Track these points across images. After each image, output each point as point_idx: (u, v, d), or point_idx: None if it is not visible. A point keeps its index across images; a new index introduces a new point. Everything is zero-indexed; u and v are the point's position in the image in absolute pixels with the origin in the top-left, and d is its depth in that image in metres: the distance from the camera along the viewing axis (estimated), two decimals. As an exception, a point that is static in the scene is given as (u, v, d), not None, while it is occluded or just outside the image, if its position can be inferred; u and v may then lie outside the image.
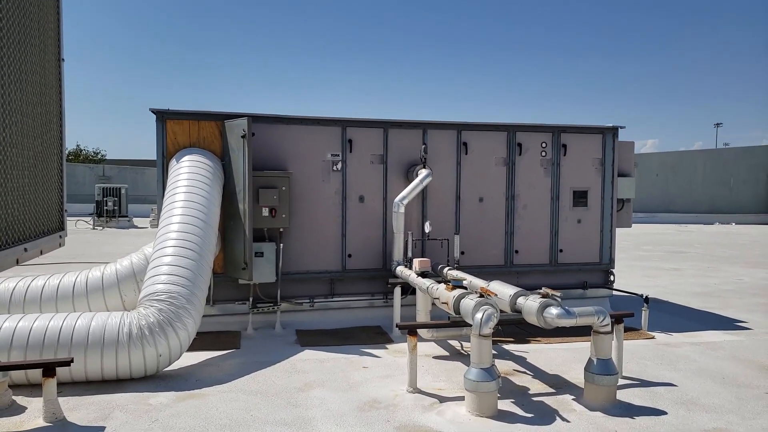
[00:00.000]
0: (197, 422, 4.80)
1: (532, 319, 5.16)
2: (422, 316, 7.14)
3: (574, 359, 6.62)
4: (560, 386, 5.76)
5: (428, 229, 7.94)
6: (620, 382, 5.63)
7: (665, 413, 5.11)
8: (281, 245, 7.90)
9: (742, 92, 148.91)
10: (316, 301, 8.27)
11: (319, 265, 8.27)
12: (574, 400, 5.38)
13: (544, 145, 9.05)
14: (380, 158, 8.47)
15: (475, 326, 4.97)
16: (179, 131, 7.69)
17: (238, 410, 5.06)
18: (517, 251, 9.00)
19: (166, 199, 7.10)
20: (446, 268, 7.53)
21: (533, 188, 9.05)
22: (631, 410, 5.16)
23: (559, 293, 5.33)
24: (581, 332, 7.06)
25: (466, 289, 5.85)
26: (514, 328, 7.87)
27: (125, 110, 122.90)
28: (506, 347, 7.15)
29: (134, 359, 5.60)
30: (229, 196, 7.56)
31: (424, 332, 6.90)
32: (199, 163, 7.37)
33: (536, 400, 5.39)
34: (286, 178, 7.87)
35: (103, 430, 4.63)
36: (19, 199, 2.97)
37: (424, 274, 7.17)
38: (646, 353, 6.96)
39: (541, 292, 5.31)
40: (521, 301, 5.35)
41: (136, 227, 29.07)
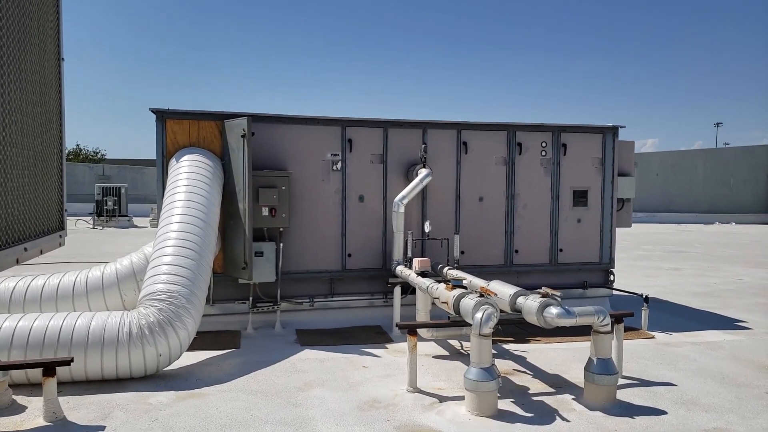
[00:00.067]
0: (197, 422, 4.80)
1: (532, 318, 5.17)
2: (422, 315, 7.14)
3: (574, 359, 6.62)
4: (560, 386, 5.76)
5: (428, 228, 7.94)
6: (620, 381, 5.63)
7: (665, 413, 5.11)
8: (281, 245, 7.91)
9: (742, 92, 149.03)
10: (316, 300, 8.27)
11: (318, 264, 8.28)
12: (574, 399, 5.38)
13: (544, 144, 9.05)
14: (380, 158, 8.47)
15: (475, 326, 4.97)
16: (179, 131, 7.69)
17: (238, 410, 5.06)
18: (517, 251, 9.00)
19: (165, 198, 7.10)
20: (446, 267, 7.53)
21: (533, 188, 9.05)
22: (630, 410, 5.16)
23: (559, 293, 5.33)
24: (581, 332, 7.06)
25: (466, 288, 5.85)
26: (514, 327, 7.87)
27: (125, 110, 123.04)
28: (506, 347, 7.15)
29: (134, 359, 5.60)
30: (229, 195, 7.56)
31: (423, 332, 6.90)
32: (199, 162, 7.37)
33: (536, 399, 5.39)
34: (286, 177, 7.87)
35: (103, 429, 4.63)
36: (19, 198, 2.97)
37: (423, 273, 7.18)
38: (646, 353, 6.96)
39: (541, 291, 5.31)
40: (521, 300, 5.35)
41: (135, 227, 29.08)
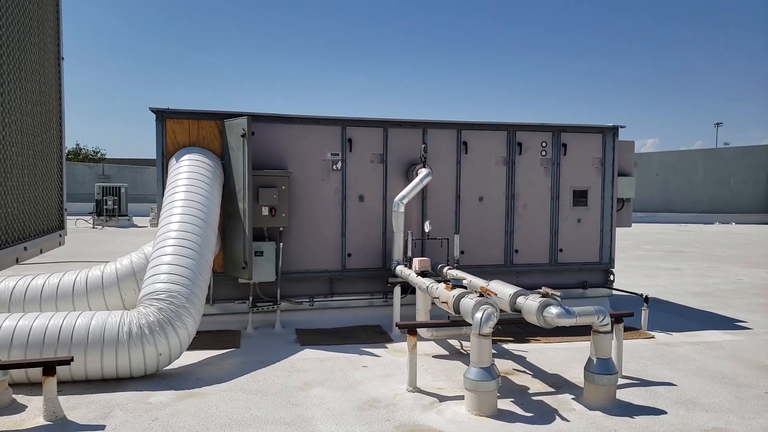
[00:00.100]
0: (197, 421, 4.80)
1: (531, 318, 5.17)
2: (422, 315, 7.14)
3: (573, 359, 6.62)
4: (560, 385, 5.77)
5: (428, 228, 7.94)
6: (620, 381, 5.63)
7: (665, 413, 5.11)
8: (281, 244, 7.91)
9: (742, 92, 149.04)
10: (315, 300, 8.27)
11: (318, 264, 8.28)
12: (573, 399, 5.38)
13: (544, 144, 9.05)
14: (380, 157, 8.47)
15: (474, 325, 4.97)
16: (179, 130, 7.69)
17: (237, 409, 5.06)
18: (516, 251, 9.00)
19: (165, 198, 7.10)
20: (446, 267, 7.53)
21: (533, 188, 9.05)
22: (630, 410, 5.16)
23: (558, 293, 5.33)
24: (581, 332, 7.06)
25: (465, 288, 5.85)
26: (513, 327, 7.87)
27: (125, 109, 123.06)
28: (506, 346, 7.16)
29: (134, 358, 5.61)
30: (228, 195, 7.56)
31: (423, 331, 6.90)
32: (198, 162, 7.37)
33: (536, 399, 5.39)
34: (285, 177, 7.87)
35: (103, 428, 4.63)
36: (18, 197, 2.97)
37: (423, 273, 7.18)
38: (645, 353, 6.96)
39: (540, 291, 5.31)
40: (521, 300, 5.35)
41: (135, 226, 29.08)
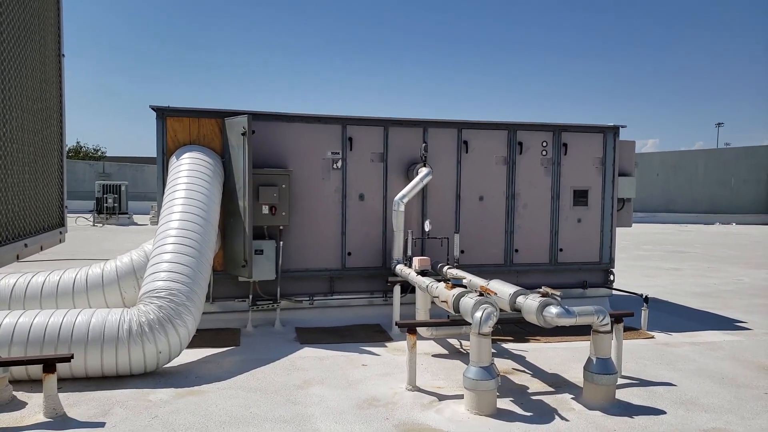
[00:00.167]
0: (197, 419, 4.80)
1: (531, 318, 5.17)
2: (422, 314, 7.14)
3: (573, 358, 6.62)
4: (559, 385, 5.77)
5: (428, 227, 7.94)
6: (619, 381, 5.63)
7: (664, 413, 5.11)
8: (281, 243, 7.91)
9: (743, 92, 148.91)
10: (315, 298, 8.27)
11: (318, 263, 8.28)
12: (573, 399, 5.38)
13: (544, 144, 9.04)
14: (380, 156, 8.47)
15: (474, 325, 4.97)
16: (179, 128, 7.69)
17: (237, 407, 5.07)
18: (517, 250, 9.00)
19: (166, 196, 7.10)
20: (446, 266, 7.53)
21: (533, 187, 9.05)
22: (630, 409, 5.16)
23: (558, 292, 5.33)
24: (581, 331, 7.07)
25: (465, 287, 5.85)
26: (513, 327, 7.88)
27: (125, 107, 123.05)
28: (505, 346, 7.16)
29: (134, 356, 5.61)
30: (229, 193, 7.56)
31: (423, 330, 6.90)
32: (199, 160, 7.37)
33: (535, 398, 5.39)
34: (286, 175, 7.87)
35: (103, 425, 4.64)
36: (19, 194, 2.97)
37: (423, 272, 7.18)
38: (645, 353, 6.96)
39: (540, 291, 5.31)
40: (521, 300, 5.35)
41: (136, 224, 29.09)
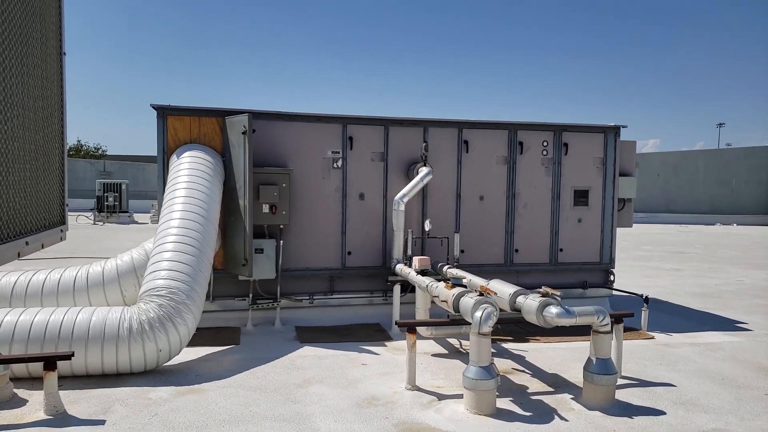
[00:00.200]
0: (196, 417, 4.81)
1: (531, 318, 5.17)
2: (421, 314, 7.14)
3: (573, 358, 6.63)
4: (559, 385, 5.77)
5: (428, 227, 7.94)
6: (619, 381, 5.63)
7: (664, 413, 5.11)
8: (281, 242, 7.91)
9: (745, 93, 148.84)
10: (315, 298, 8.27)
11: (318, 262, 8.28)
12: (572, 399, 5.38)
13: (545, 143, 9.04)
14: (381, 156, 8.47)
15: (474, 324, 4.98)
16: (180, 127, 7.69)
17: (237, 405, 5.07)
18: (517, 250, 9.00)
19: (166, 194, 7.10)
20: (446, 266, 7.53)
21: (534, 187, 9.04)
22: (629, 410, 5.16)
23: (559, 292, 5.33)
24: (580, 332, 7.07)
25: (465, 287, 5.85)
26: (513, 326, 7.88)
27: (126, 106, 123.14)
28: (505, 346, 7.16)
29: (134, 354, 5.61)
30: (229, 192, 7.56)
31: (423, 330, 6.91)
32: (199, 159, 7.37)
33: (535, 398, 5.39)
34: (286, 174, 7.88)
35: (103, 423, 4.64)
36: (20, 192, 2.98)
37: (423, 272, 7.18)
38: (645, 353, 6.96)
39: (540, 291, 5.31)
40: (521, 299, 5.35)
41: (136, 223, 29.11)
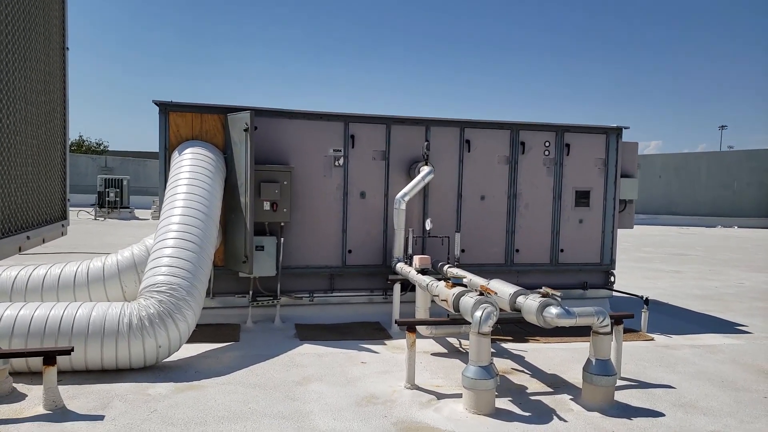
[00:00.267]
0: (195, 413, 4.81)
1: (531, 318, 5.16)
2: (421, 313, 7.14)
3: (572, 359, 6.62)
4: (558, 386, 5.77)
5: (429, 226, 7.94)
6: (618, 383, 5.63)
7: (663, 415, 5.11)
8: (282, 239, 7.91)
9: (747, 95, 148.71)
10: (315, 295, 8.28)
11: (319, 260, 8.28)
12: (571, 399, 5.38)
13: (547, 144, 9.04)
14: (382, 154, 8.46)
15: (474, 324, 4.98)
16: (182, 123, 7.69)
17: (236, 402, 5.08)
18: (517, 250, 9.00)
19: (167, 191, 7.10)
20: (446, 265, 7.53)
21: (535, 187, 9.04)
22: (628, 411, 5.16)
23: (559, 293, 5.32)
24: (580, 332, 7.07)
25: (466, 287, 5.85)
26: (513, 326, 7.88)
27: (128, 101, 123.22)
28: (505, 346, 7.16)
29: (134, 350, 5.62)
30: (230, 189, 7.56)
31: (422, 329, 6.91)
32: (201, 155, 7.37)
33: (534, 399, 5.39)
34: (287, 172, 7.87)
35: (102, 418, 4.65)
36: (22, 187, 2.98)
37: (424, 271, 7.18)
38: (645, 355, 6.96)
39: (541, 291, 5.31)
40: (521, 300, 5.35)
41: (137, 219, 29.13)
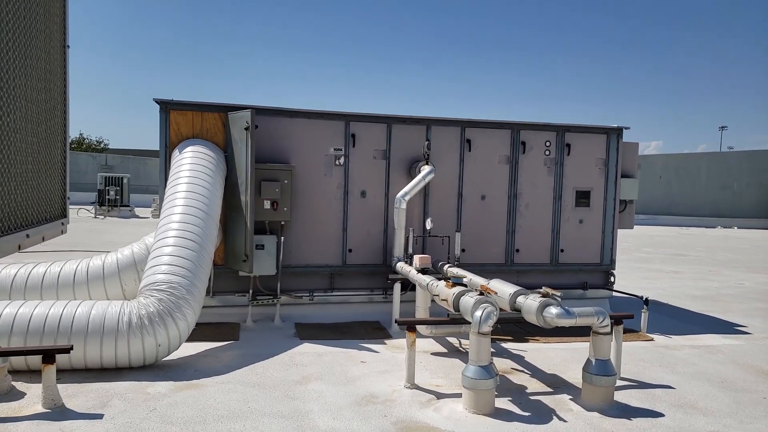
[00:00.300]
0: (195, 412, 4.81)
1: (531, 318, 5.16)
2: (421, 312, 7.14)
3: (572, 359, 6.62)
4: (558, 386, 5.77)
5: (429, 225, 7.94)
6: (618, 383, 5.63)
7: (662, 415, 5.11)
8: (282, 238, 7.91)
9: (748, 96, 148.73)
10: (315, 294, 8.27)
11: (319, 259, 8.28)
12: (571, 399, 5.38)
13: (548, 144, 9.03)
14: (383, 154, 8.46)
15: (474, 324, 4.97)
16: (182, 122, 7.68)
17: (235, 401, 5.07)
18: (518, 250, 8.99)
19: (168, 189, 7.10)
20: (447, 265, 7.53)
21: (536, 187, 9.03)
22: (628, 411, 5.16)
23: (559, 293, 5.32)
24: (580, 332, 7.07)
25: (466, 286, 5.85)
26: (513, 326, 7.87)
27: (129, 100, 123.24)
28: (505, 346, 7.16)
29: (133, 348, 5.61)
30: (231, 187, 7.55)
31: (422, 328, 6.91)
32: (201, 154, 7.36)
33: (533, 399, 5.39)
34: (288, 171, 7.87)
35: (101, 417, 4.64)
36: (22, 184, 2.97)
37: (424, 270, 7.17)
38: (644, 355, 6.96)
39: (541, 291, 5.31)
40: (521, 299, 5.34)
41: (137, 217, 29.12)
